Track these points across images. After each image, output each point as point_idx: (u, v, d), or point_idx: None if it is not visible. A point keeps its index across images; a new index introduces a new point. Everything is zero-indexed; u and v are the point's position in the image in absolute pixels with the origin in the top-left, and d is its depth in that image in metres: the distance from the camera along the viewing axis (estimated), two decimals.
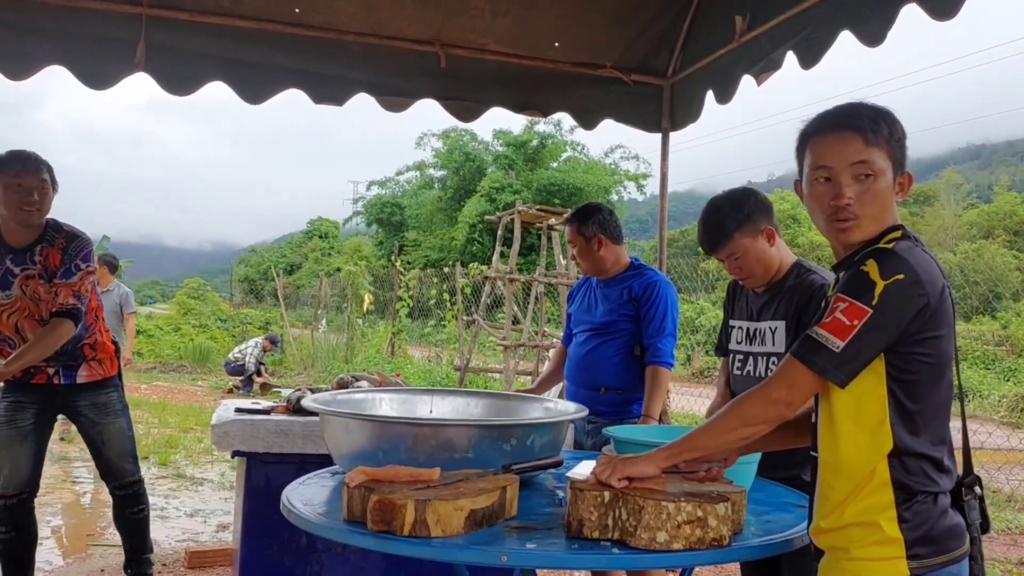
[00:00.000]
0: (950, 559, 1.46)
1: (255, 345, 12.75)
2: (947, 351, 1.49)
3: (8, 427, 3.22)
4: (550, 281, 8.88)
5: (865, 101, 1.60)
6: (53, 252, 3.20)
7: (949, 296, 1.50)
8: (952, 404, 1.54)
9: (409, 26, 3.91)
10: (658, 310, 3.08)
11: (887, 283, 1.42)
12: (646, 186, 30.46)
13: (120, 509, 3.48)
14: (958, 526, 1.49)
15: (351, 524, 1.65)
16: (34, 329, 3.18)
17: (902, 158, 1.56)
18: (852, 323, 1.43)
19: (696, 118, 4.22)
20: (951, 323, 1.50)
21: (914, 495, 1.45)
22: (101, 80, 3.55)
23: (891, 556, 1.44)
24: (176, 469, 6.56)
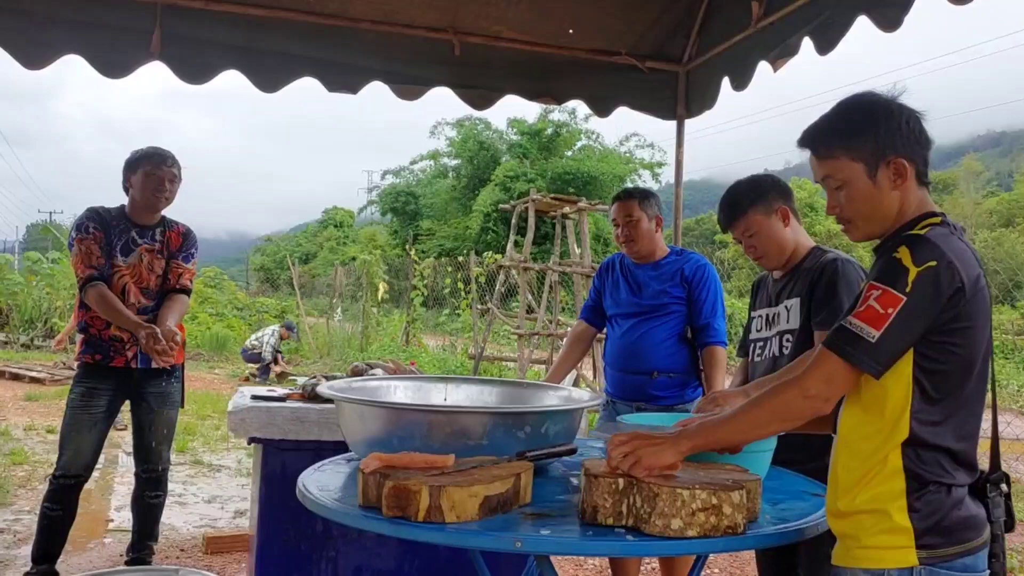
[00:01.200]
0: (964, 550, 1.44)
1: (272, 333, 12.82)
2: (978, 342, 1.47)
3: (82, 412, 3.37)
4: (564, 270, 8.87)
5: (842, 103, 1.61)
6: (173, 236, 3.57)
7: (985, 287, 1.47)
8: (985, 397, 1.53)
9: (423, 13, 3.91)
10: (711, 291, 3.11)
11: (920, 269, 1.41)
12: (661, 174, 30.32)
13: (140, 491, 3.59)
14: (974, 518, 1.47)
15: (366, 510, 1.66)
16: (138, 295, 3.45)
17: (881, 148, 1.53)
18: (887, 311, 1.41)
19: (712, 105, 4.19)
20: (986, 314, 1.47)
21: (926, 485, 1.44)
22: (117, 69, 3.57)
23: (900, 545, 1.44)
24: (194, 456, 6.62)
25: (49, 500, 3.38)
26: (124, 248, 3.45)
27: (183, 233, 3.62)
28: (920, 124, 1.56)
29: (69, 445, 3.37)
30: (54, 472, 3.40)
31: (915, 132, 1.55)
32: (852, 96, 1.61)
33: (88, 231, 3.40)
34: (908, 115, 1.55)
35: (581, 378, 8.06)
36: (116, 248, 3.44)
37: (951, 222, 1.52)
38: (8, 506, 4.93)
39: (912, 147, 1.55)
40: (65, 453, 3.37)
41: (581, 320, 3.46)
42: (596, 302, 3.39)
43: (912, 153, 1.55)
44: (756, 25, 3.60)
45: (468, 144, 30.85)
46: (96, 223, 3.42)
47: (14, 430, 7.58)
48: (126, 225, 3.48)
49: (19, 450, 6.48)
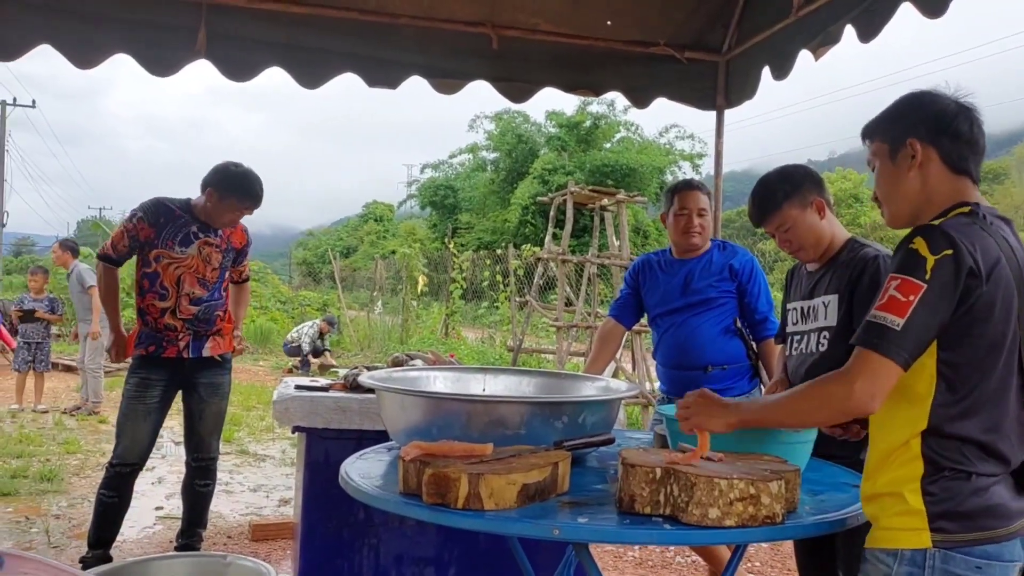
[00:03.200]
0: (984, 538, 1.44)
1: (311, 327, 13.02)
2: (1000, 333, 1.46)
3: (136, 402, 3.50)
4: (603, 262, 8.84)
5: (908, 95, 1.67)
6: (236, 233, 3.71)
7: (1008, 277, 1.46)
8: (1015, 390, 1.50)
9: (461, 8, 3.93)
10: (762, 285, 3.12)
11: (937, 257, 1.43)
12: (701, 165, 29.99)
13: (190, 479, 3.70)
14: (1000, 507, 1.46)
15: (407, 497, 1.69)
16: (193, 284, 3.54)
17: (904, 131, 1.59)
18: (908, 299, 1.43)
19: (752, 95, 4.15)
20: (1008, 305, 1.46)
21: (941, 471, 1.46)
22: (164, 67, 3.66)
23: (914, 527, 1.46)
24: (240, 446, 6.77)
25: (105, 487, 3.50)
26: (184, 239, 3.53)
27: (246, 231, 3.76)
28: (956, 118, 1.57)
29: (125, 434, 3.48)
30: (111, 460, 3.52)
31: (946, 122, 1.57)
32: (910, 91, 1.66)
33: (134, 220, 3.50)
34: (946, 107, 1.58)
35: (620, 371, 8.05)
36: (175, 238, 3.51)
37: (985, 212, 1.53)
38: (63, 493, 5.10)
39: (937, 134, 1.57)
40: (121, 442, 3.49)
41: (610, 317, 3.41)
42: (628, 301, 3.35)
43: (934, 139, 1.57)
44: (797, 13, 3.56)
45: (506, 137, 30.85)
46: (149, 216, 3.49)
47: (68, 420, 7.83)
48: (189, 218, 3.56)
49: (73, 440, 6.69)
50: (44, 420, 7.81)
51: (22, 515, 4.59)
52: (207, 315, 3.58)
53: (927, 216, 1.57)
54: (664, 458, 1.68)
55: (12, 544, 4.05)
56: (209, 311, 3.58)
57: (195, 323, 3.56)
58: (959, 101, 1.59)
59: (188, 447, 3.70)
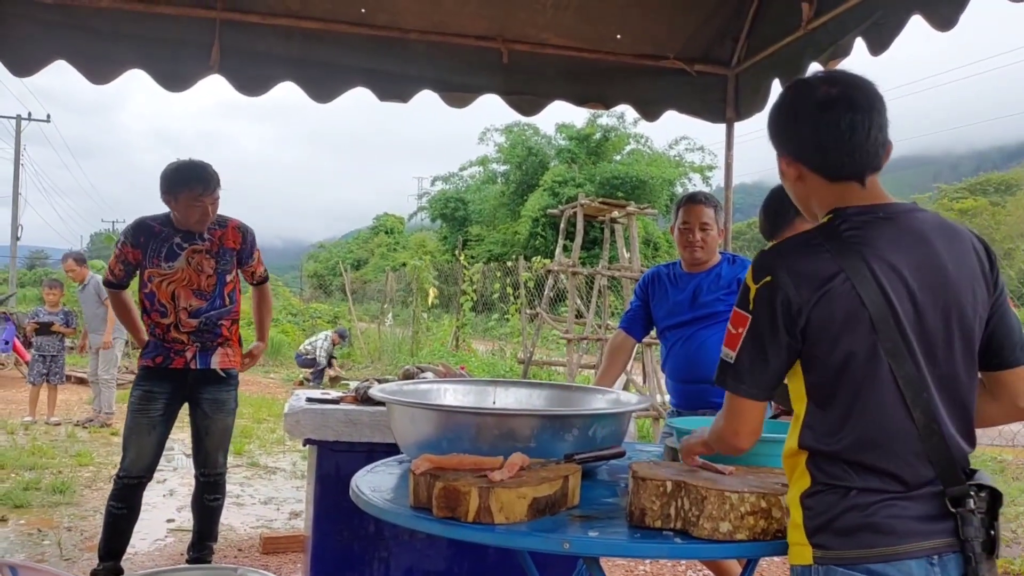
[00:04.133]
0: (867, 555, 1.37)
1: (325, 338, 13.05)
2: (846, 348, 1.40)
3: (140, 415, 3.50)
4: (613, 274, 8.84)
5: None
6: (226, 233, 3.63)
7: (852, 291, 1.39)
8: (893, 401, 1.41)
9: (471, 22, 3.96)
10: None
11: (758, 286, 1.45)
12: (712, 178, 29.97)
13: (199, 493, 3.71)
14: (886, 524, 1.38)
15: (417, 510, 1.70)
16: (189, 297, 3.52)
17: (777, 146, 1.57)
18: (738, 331, 1.47)
19: (762, 108, 4.15)
20: (854, 319, 1.39)
21: (818, 485, 1.44)
22: (178, 82, 3.70)
23: (799, 542, 1.45)
24: (250, 458, 6.78)
25: (114, 499, 3.51)
26: (168, 254, 3.52)
27: (240, 229, 3.67)
28: (816, 132, 1.48)
29: (131, 447, 3.49)
30: (118, 473, 3.54)
31: (803, 138, 1.51)
32: (784, 89, 1.61)
33: (119, 245, 3.59)
34: (803, 121, 1.51)
35: (631, 383, 8.03)
36: (160, 255, 3.51)
37: (841, 220, 1.46)
38: (75, 505, 5.12)
39: (801, 151, 1.52)
40: (128, 455, 3.50)
41: (620, 330, 3.41)
42: (638, 313, 3.35)
43: (800, 156, 1.52)
44: (807, 27, 3.56)
45: (517, 150, 30.94)
46: (131, 239, 3.53)
47: (80, 432, 7.87)
48: (170, 232, 3.54)
49: (85, 452, 6.72)
50: (57, 432, 7.85)
51: (34, 527, 4.61)
52: (210, 325, 3.56)
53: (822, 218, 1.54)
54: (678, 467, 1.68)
55: (24, 556, 4.07)
56: (211, 321, 3.56)
57: (200, 335, 3.56)
58: (827, 98, 1.47)
59: (196, 462, 3.71)
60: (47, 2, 3.49)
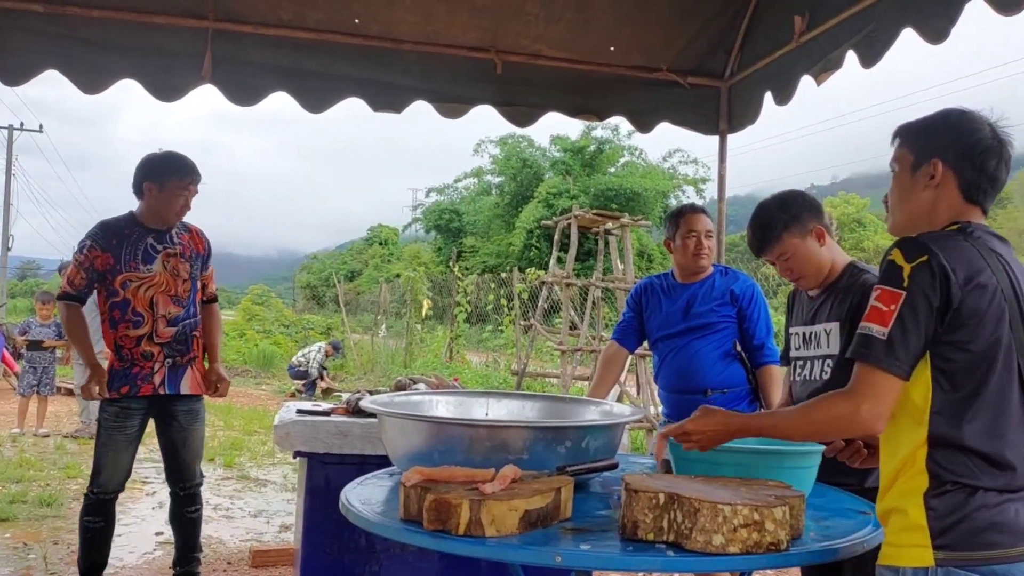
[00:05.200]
0: (991, 557, 1.40)
1: (318, 350, 13.00)
2: (991, 338, 1.45)
3: (118, 432, 3.36)
4: (607, 286, 8.84)
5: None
6: (193, 238, 3.50)
7: (993, 285, 1.46)
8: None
9: (465, 34, 3.97)
10: (762, 311, 3.13)
11: (913, 264, 1.46)
12: (705, 190, 30.07)
13: (178, 508, 3.58)
14: (1011, 524, 1.42)
15: (407, 523, 1.68)
16: (167, 304, 3.37)
17: (932, 149, 1.61)
18: (890, 308, 1.46)
19: (754, 120, 4.17)
20: (998, 312, 1.46)
21: (944, 484, 1.44)
22: (170, 92, 3.69)
23: (917, 544, 1.44)
24: (241, 471, 6.73)
25: (90, 514, 3.38)
26: (145, 256, 3.34)
27: (201, 235, 3.55)
28: (987, 152, 1.58)
29: (107, 465, 3.35)
30: (91, 489, 3.39)
31: (976, 153, 1.58)
32: (954, 107, 1.67)
33: (84, 251, 3.31)
34: (981, 139, 1.59)
35: (625, 395, 8.01)
36: (136, 257, 3.33)
37: (977, 229, 1.55)
38: (62, 518, 5.07)
39: (963, 162, 1.59)
40: (103, 472, 3.35)
41: (613, 341, 3.41)
42: (631, 324, 3.34)
43: (959, 165, 1.59)
44: (799, 39, 3.58)
45: (511, 161, 31.01)
46: (100, 242, 3.31)
47: (69, 444, 7.80)
48: (140, 232, 3.36)
49: (73, 464, 6.66)
50: (45, 444, 7.78)
51: (20, 541, 4.56)
52: (184, 336, 3.43)
53: (923, 230, 1.58)
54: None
55: (9, 571, 4.02)
56: (186, 331, 3.44)
57: (173, 347, 3.41)
58: (997, 135, 1.60)
59: (173, 477, 3.55)
60: (39, 11, 3.49)
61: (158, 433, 3.55)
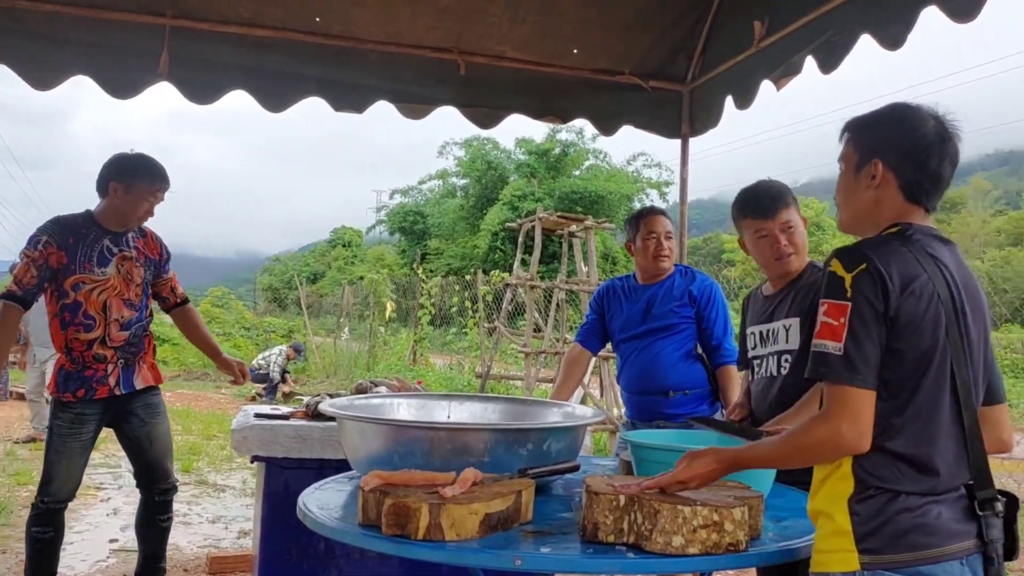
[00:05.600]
0: (916, 558, 1.41)
1: (279, 353, 12.84)
2: (925, 345, 1.44)
3: (71, 439, 3.22)
4: (571, 288, 8.86)
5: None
6: (148, 243, 3.41)
7: (931, 291, 1.45)
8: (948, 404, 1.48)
9: (428, 34, 3.94)
10: (720, 311, 3.13)
11: (854, 274, 1.45)
12: (668, 193, 30.35)
13: (148, 514, 3.46)
14: (934, 526, 1.43)
15: (366, 528, 1.65)
16: (120, 308, 3.25)
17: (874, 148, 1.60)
18: (839, 321, 1.45)
19: (716, 124, 4.20)
20: (935, 318, 1.45)
21: (868, 489, 1.45)
22: (125, 89, 3.61)
23: (843, 548, 1.45)
24: (199, 476, 6.61)
25: (38, 524, 3.24)
26: (100, 258, 3.23)
27: (158, 238, 3.46)
28: (928, 151, 1.56)
29: (59, 473, 3.21)
30: (40, 498, 3.24)
31: (917, 154, 1.56)
32: (901, 102, 1.66)
33: (39, 246, 3.13)
34: (922, 137, 1.57)
35: (588, 397, 8.03)
36: (91, 259, 3.21)
37: (918, 231, 1.54)
38: (11, 526, 4.92)
39: (903, 162, 1.57)
40: (55, 480, 3.21)
41: (576, 343, 3.41)
42: (594, 326, 3.35)
43: (898, 166, 1.58)
44: (759, 44, 3.62)
45: (476, 164, 30.98)
46: (56, 238, 3.15)
47: (19, 450, 7.59)
48: (97, 232, 3.24)
49: (24, 471, 6.47)
50: None
51: None
52: (136, 339, 3.33)
53: (869, 230, 1.60)
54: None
55: None
56: (138, 334, 3.33)
57: (126, 350, 3.30)
58: (942, 130, 1.58)
59: (144, 480, 3.43)
60: None
61: (119, 436, 3.42)
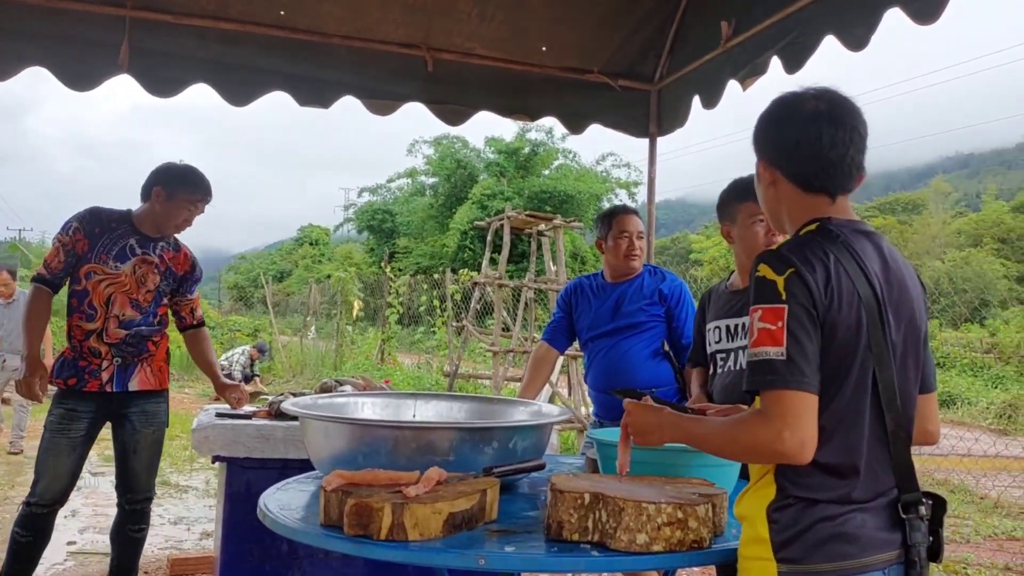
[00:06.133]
0: (837, 568, 1.37)
1: (241, 353, 12.71)
2: (851, 350, 1.40)
3: (61, 435, 3.14)
4: (540, 287, 8.86)
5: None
6: (177, 258, 3.37)
7: (854, 291, 1.41)
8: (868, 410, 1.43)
9: (395, 29, 3.91)
10: (690, 310, 3.14)
11: (784, 277, 1.40)
12: (637, 193, 30.52)
13: (122, 523, 3.35)
14: (853, 535, 1.39)
15: (328, 528, 1.63)
16: (125, 304, 3.21)
17: (758, 150, 1.60)
18: (777, 325, 1.38)
19: (683, 123, 4.22)
20: (857, 320, 1.40)
21: (787, 498, 1.41)
22: (84, 82, 3.52)
23: (761, 556, 1.41)
24: (160, 476, 6.44)
25: (20, 526, 3.15)
26: (119, 254, 3.21)
27: (191, 258, 3.43)
28: (799, 141, 1.51)
29: (46, 471, 3.13)
30: (27, 499, 3.16)
31: (789, 147, 1.53)
32: (780, 94, 1.60)
33: (69, 232, 3.18)
34: (792, 128, 1.53)
35: (557, 395, 8.04)
36: (110, 252, 3.20)
37: (837, 226, 1.49)
38: None
39: (781, 158, 1.55)
40: (42, 480, 3.13)
41: (543, 341, 3.40)
42: (561, 324, 3.35)
43: (780, 163, 1.55)
44: (725, 45, 3.64)
45: (445, 162, 30.89)
46: (84, 226, 3.19)
47: None
48: (127, 230, 3.25)
49: None
50: None
51: None
52: (136, 341, 3.25)
53: (790, 228, 1.57)
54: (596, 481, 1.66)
55: None
56: (139, 337, 3.25)
57: (122, 349, 3.23)
58: (826, 109, 1.50)
59: (121, 487, 3.33)
60: None
61: (112, 438, 3.34)
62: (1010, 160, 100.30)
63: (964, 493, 7.02)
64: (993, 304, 20.59)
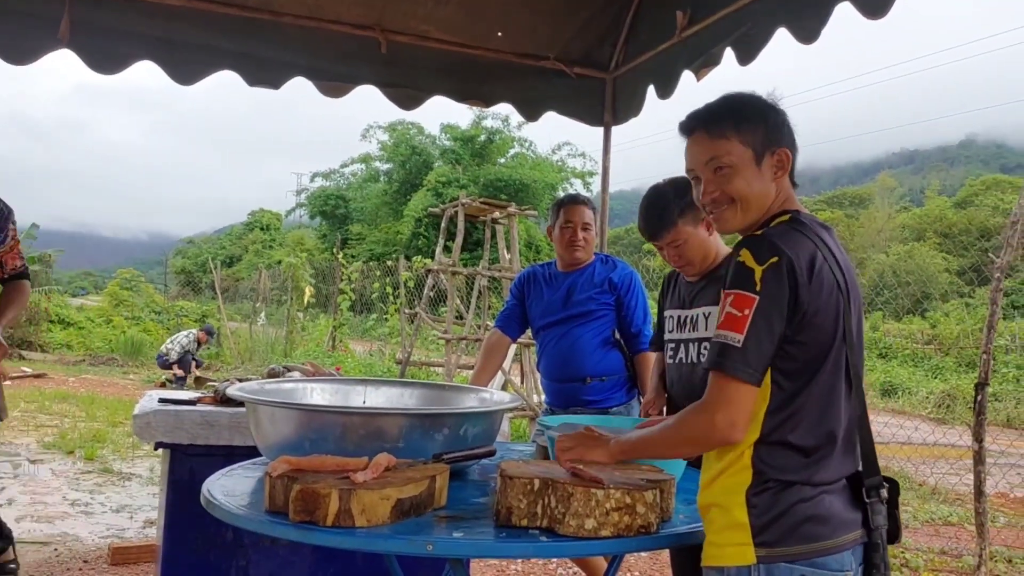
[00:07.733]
0: (811, 550, 1.41)
1: (186, 335, 12.44)
2: (825, 334, 1.45)
3: None
4: (494, 275, 8.84)
5: (729, 94, 1.64)
6: None
7: (831, 280, 1.46)
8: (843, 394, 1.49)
9: (348, 10, 3.83)
10: (640, 299, 3.14)
11: (764, 267, 1.42)
12: (592, 184, 30.65)
13: None
14: (827, 516, 1.43)
15: (273, 515, 1.59)
16: None
17: (769, 139, 1.57)
18: (744, 313, 1.42)
19: (638, 112, 4.24)
20: (834, 307, 1.45)
21: (766, 481, 1.44)
22: (22, 55, 3.39)
23: (739, 542, 1.43)
24: (103, 464, 6.34)
25: None
26: None
27: None
28: (786, 119, 1.61)
29: None
30: None
31: (792, 132, 1.62)
32: (737, 91, 1.64)
33: None
34: (786, 116, 1.62)
35: (509, 383, 8.05)
36: None
37: (803, 218, 1.54)
38: None
39: (792, 144, 1.61)
40: None
41: (496, 329, 3.39)
42: (514, 312, 3.35)
43: (792, 148, 1.61)
44: (681, 35, 3.65)
45: (400, 148, 30.61)
46: None
47: None
48: None
49: None
50: None
51: None
52: None
53: (759, 221, 1.57)
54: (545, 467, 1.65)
55: None
56: None
57: None
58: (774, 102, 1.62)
59: None
60: None
61: None
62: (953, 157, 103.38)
63: (903, 480, 7.23)
64: (934, 297, 21.21)
